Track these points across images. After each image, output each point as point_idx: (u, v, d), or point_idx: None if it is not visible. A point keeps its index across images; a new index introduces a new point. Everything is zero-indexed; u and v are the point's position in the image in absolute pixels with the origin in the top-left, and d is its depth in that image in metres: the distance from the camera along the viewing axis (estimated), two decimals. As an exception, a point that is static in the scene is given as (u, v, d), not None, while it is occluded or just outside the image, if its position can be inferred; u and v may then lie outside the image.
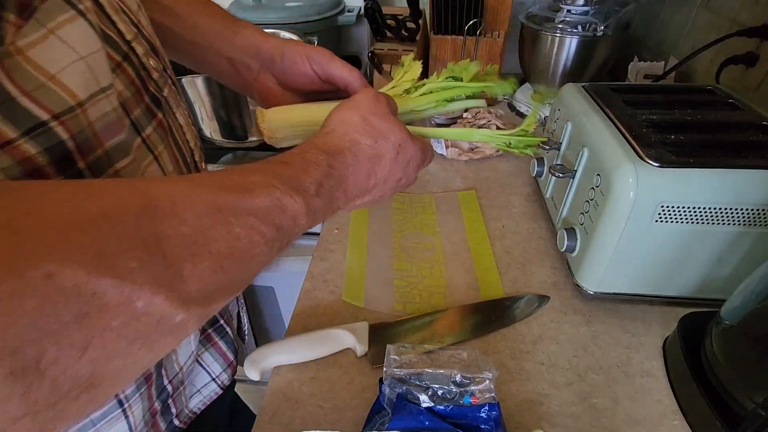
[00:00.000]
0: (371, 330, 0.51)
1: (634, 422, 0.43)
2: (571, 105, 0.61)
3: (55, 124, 0.23)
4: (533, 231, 0.67)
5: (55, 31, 0.23)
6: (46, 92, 0.23)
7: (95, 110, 0.26)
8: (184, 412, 0.47)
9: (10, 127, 0.21)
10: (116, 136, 0.28)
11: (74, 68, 0.24)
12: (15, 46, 0.21)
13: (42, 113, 0.23)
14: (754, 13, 0.69)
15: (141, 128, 0.31)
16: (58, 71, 0.23)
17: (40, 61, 0.23)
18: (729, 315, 0.41)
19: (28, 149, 0.22)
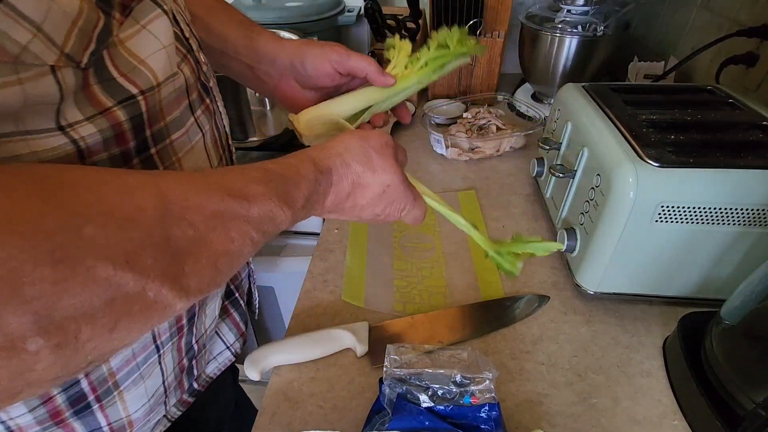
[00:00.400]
0: (371, 330, 0.51)
1: (634, 422, 0.43)
2: (571, 105, 0.61)
3: (141, 98, 0.30)
4: (533, 231, 0.67)
5: (147, 26, 0.30)
6: (138, 73, 0.29)
7: (165, 90, 0.32)
8: (202, 376, 0.50)
9: (108, 98, 0.28)
10: (174, 111, 0.34)
11: (158, 55, 0.31)
12: (117, 37, 0.28)
13: (133, 88, 0.29)
14: (754, 13, 0.69)
15: (194, 109, 0.37)
16: (147, 57, 0.30)
17: (135, 49, 0.29)
18: (729, 315, 0.41)
19: (119, 115, 0.29)
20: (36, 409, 0.33)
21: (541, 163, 0.70)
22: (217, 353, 0.53)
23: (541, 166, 0.70)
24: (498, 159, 0.84)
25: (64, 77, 0.25)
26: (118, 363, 0.36)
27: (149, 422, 0.43)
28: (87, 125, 0.27)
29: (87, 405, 0.35)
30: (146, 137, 0.32)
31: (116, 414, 0.38)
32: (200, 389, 0.50)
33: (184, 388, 0.47)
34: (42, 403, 0.33)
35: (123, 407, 0.38)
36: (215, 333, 0.52)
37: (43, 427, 0.34)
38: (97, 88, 0.27)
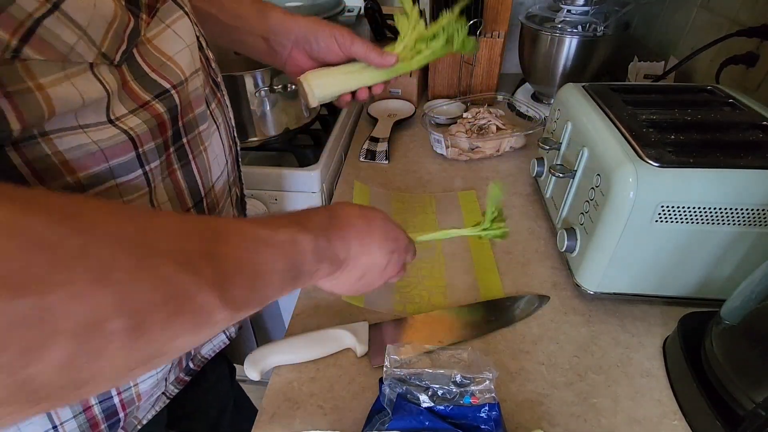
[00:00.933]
0: (371, 330, 0.51)
1: (634, 422, 0.43)
2: (571, 105, 0.61)
3: (173, 92, 0.33)
4: (533, 231, 0.67)
5: (171, 26, 0.33)
6: (167, 69, 0.33)
7: (191, 85, 0.36)
8: (197, 356, 0.53)
9: (146, 93, 0.31)
10: (200, 106, 0.38)
11: (183, 53, 0.34)
12: (145, 37, 0.31)
13: (165, 83, 0.33)
14: (754, 13, 0.69)
15: (209, 103, 0.40)
16: (174, 54, 0.33)
17: (162, 47, 0.32)
18: (729, 315, 0.41)
19: (158, 108, 0.32)
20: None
21: (541, 163, 0.70)
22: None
23: (541, 166, 0.70)
24: (498, 159, 0.84)
25: (102, 73, 0.28)
26: None
27: (152, 397, 0.45)
28: (132, 117, 0.31)
29: None
30: (179, 128, 0.35)
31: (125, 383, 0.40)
32: (195, 369, 0.52)
33: (182, 366, 0.49)
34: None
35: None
36: None
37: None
38: (135, 84, 0.31)
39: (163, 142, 0.34)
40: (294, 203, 0.81)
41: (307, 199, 0.80)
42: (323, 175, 0.79)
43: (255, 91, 0.79)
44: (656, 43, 0.99)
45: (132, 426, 0.44)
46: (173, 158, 0.36)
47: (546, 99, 1.00)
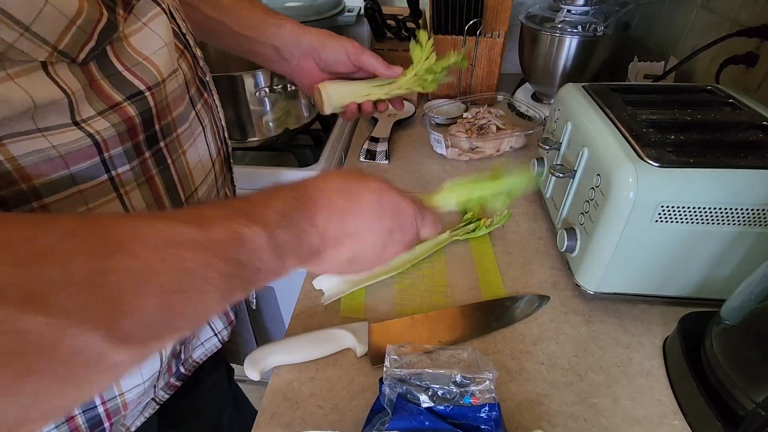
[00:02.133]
0: (371, 330, 0.51)
1: (634, 422, 0.43)
2: (571, 105, 0.61)
3: (148, 94, 0.31)
4: (533, 231, 0.67)
5: (148, 24, 0.31)
6: (143, 69, 0.31)
7: (170, 86, 0.34)
8: (189, 361, 0.51)
9: (117, 93, 0.29)
10: (180, 107, 0.36)
11: (161, 52, 0.32)
12: (123, 33, 0.29)
13: (140, 84, 0.31)
14: (754, 13, 0.69)
15: (194, 103, 0.39)
16: (151, 54, 0.31)
17: (138, 45, 0.30)
18: (729, 315, 0.41)
19: (129, 110, 0.30)
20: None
21: (541, 163, 0.70)
22: (204, 339, 0.53)
23: (541, 166, 0.70)
24: (498, 159, 0.84)
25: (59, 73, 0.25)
26: None
27: (140, 405, 0.44)
28: (100, 120, 0.29)
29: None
30: (156, 131, 0.33)
31: (110, 392, 0.39)
32: (187, 373, 0.52)
33: (171, 372, 0.48)
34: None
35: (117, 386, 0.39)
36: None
37: None
38: (104, 83, 0.29)
39: (133, 146, 0.31)
40: (294, 203, 0.81)
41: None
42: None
43: (255, 91, 0.79)
44: (656, 43, 0.99)
45: None
46: (150, 163, 0.34)
47: (546, 99, 1.00)
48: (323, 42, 0.55)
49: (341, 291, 0.56)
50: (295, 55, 0.56)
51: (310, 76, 0.57)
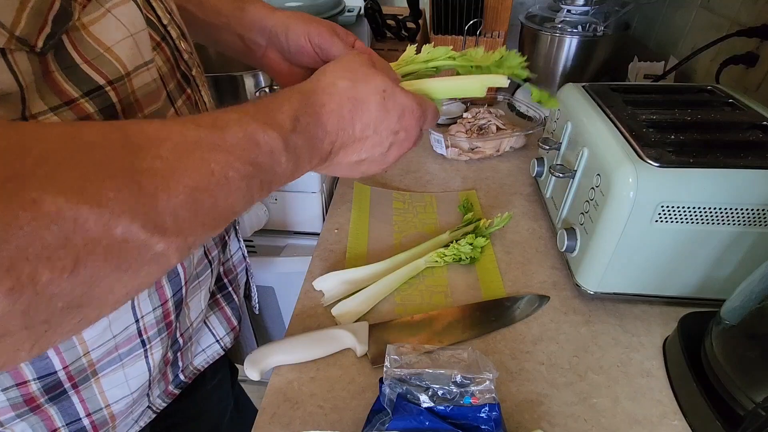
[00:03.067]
0: (371, 330, 0.51)
1: (634, 422, 0.43)
2: (571, 105, 0.61)
3: (109, 89, 0.28)
4: (533, 231, 0.67)
5: (112, 11, 0.28)
6: (103, 61, 0.28)
7: (138, 80, 0.31)
8: (189, 368, 0.50)
9: (74, 88, 0.26)
10: (154, 104, 0.32)
11: (125, 43, 0.29)
12: (80, 21, 0.26)
13: (99, 78, 0.28)
14: (754, 13, 0.69)
15: (174, 100, 0.36)
16: (113, 44, 0.28)
17: (99, 35, 0.27)
18: (729, 315, 0.41)
19: (87, 108, 0.27)
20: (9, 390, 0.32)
21: (541, 163, 0.70)
22: (206, 346, 0.53)
23: (541, 166, 0.70)
24: (498, 159, 0.84)
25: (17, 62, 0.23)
26: (99, 354, 0.35)
27: (132, 414, 0.43)
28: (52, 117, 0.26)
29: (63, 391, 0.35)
30: None
31: (95, 404, 0.38)
32: (187, 381, 0.50)
33: (168, 380, 0.47)
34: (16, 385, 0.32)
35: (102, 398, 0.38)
36: (204, 325, 0.52)
37: (17, 413, 0.33)
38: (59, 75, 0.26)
39: None
40: (294, 203, 0.81)
41: (307, 199, 0.80)
42: (323, 176, 0.79)
43: (255, 91, 0.79)
44: (656, 43, 0.99)
45: None
46: None
47: (546, 99, 1.00)
48: (287, 25, 0.45)
49: (342, 292, 0.56)
50: (260, 44, 0.48)
51: (277, 70, 0.49)
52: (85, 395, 0.36)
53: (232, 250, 0.54)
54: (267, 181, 0.27)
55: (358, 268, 0.58)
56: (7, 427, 0.33)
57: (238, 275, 0.56)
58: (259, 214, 0.80)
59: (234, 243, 0.55)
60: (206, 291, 0.47)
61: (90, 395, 0.37)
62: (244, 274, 0.58)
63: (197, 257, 0.43)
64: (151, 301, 0.38)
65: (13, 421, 0.33)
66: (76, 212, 0.18)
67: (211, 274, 0.47)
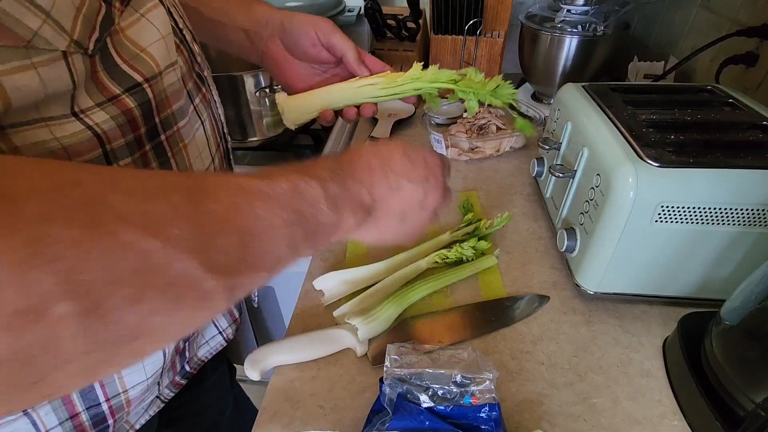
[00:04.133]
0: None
1: (634, 422, 0.43)
2: (571, 105, 0.61)
3: (146, 86, 0.32)
4: (533, 231, 0.67)
5: (145, 15, 0.31)
6: (140, 61, 0.31)
7: (167, 79, 0.34)
8: (194, 359, 0.52)
9: (116, 85, 0.30)
10: (179, 100, 0.36)
11: (158, 45, 0.32)
12: (119, 26, 0.29)
13: (138, 76, 0.31)
14: (754, 13, 0.69)
15: (192, 98, 0.39)
16: (148, 45, 0.31)
17: (135, 38, 0.30)
18: (729, 315, 0.42)
19: (128, 102, 0.30)
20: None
21: (541, 163, 0.70)
22: (209, 337, 0.54)
23: (541, 166, 0.70)
24: (498, 159, 0.84)
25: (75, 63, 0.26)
26: None
27: (144, 402, 0.44)
28: (99, 112, 0.29)
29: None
30: (156, 124, 0.34)
31: (114, 388, 0.39)
32: (192, 371, 0.52)
33: (176, 370, 0.49)
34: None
35: (120, 383, 0.39)
36: None
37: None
38: (104, 75, 0.29)
39: (135, 138, 0.32)
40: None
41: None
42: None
43: (255, 91, 0.79)
44: (656, 43, 0.99)
45: (124, 430, 0.44)
46: (150, 156, 0.34)
47: (546, 99, 1.00)
48: (291, 18, 0.50)
49: (342, 292, 0.56)
50: (263, 36, 0.51)
51: (278, 62, 0.52)
52: (106, 379, 0.38)
53: None
54: (311, 231, 0.29)
55: (358, 268, 0.58)
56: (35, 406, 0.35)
57: None
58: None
59: None
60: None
61: (110, 380, 0.38)
62: None
63: None
64: None
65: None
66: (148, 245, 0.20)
67: None
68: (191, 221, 0.22)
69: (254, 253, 0.25)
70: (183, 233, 0.21)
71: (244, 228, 0.25)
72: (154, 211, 0.21)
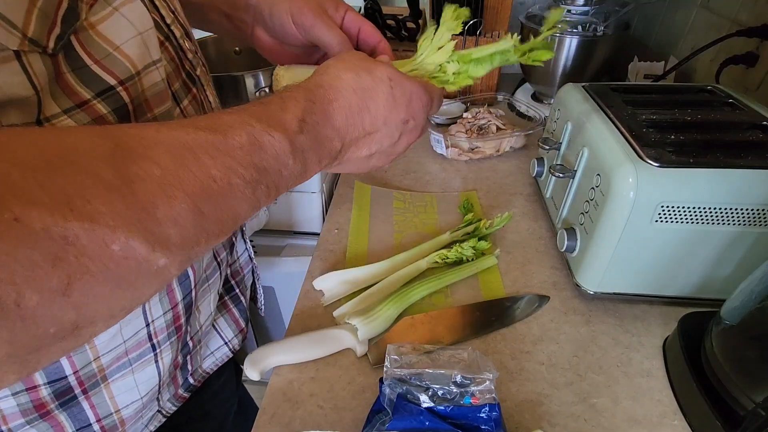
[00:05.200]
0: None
1: (634, 422, 0.43)
2: (571, 105, 0.61)
3: (121, 89, 0.28)
4: (533, 231, 0.67)
5: (119, 9, 0.27)
6: (113, 61, 0.27)
7: (147, 80, 0.30)
8: (198, 371, 0.50)
9: (85, 89, 0.26)
10: (163, 104, 0.32)
11: (133, 42, 0.28)
12: (88, 21, 0.25)
13: (110, 78, 0.27)
14: (754, 13, 0.69)
15: (179, 99, 0.35)
16: (122, 43, 0.27)
17: (107, 34, 0.27)
18: (729, 315, 0.41)
19: (100, 109, 0.27)
20: (19, 395, 0.31)
21: (541, 163, 0.70)
22: (214, 348, 0.53)
23: (541, 166, 0.70)
24: (498, 159, 0.84)
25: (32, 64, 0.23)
26: (109, 360, 0.35)
27: (142, 419, 0.43)
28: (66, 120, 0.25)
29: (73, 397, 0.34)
30: None
31: (105, 409, 0.37)
32: (196, 384, 0.50)
33: (178, 384, 0.47)
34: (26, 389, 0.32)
35: (112, 403, 0.37)
36: (213, 328, 0.52)
37: (27, 419, 0.33)
38: (71, 77, 0.25)
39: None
40: (294, 204, 0.81)
41: (307, 199, 0.80)
42: (323, 176, 0.79)
43: (255, 91, 0.79)
44: (656, 43, 0.99)
45: None
46: None
47: (546, 99, 1.00)
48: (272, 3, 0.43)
49: (342, 292, 0.56)
50: (247, 22, 0.46)
51: (269, 51, 0.47)
52: (96, 401, 0.36)
53: (238, 252, 0.54)
54: (274, 186, 0.26)
55: (358, 268, 0.58)
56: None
57: (244, 277, 0.56)
58: (258, 214, 0.80)
59: (240, 244, 0.55)
60: (215, 294, 0.47)
61: (100, 401, 0.36)
62: (251, 275, 0.58)
63: (206, 260, 0.43)
64: (161, 305, 0.37)
65: (22, 427, 0.33)
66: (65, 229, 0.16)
67: (219, 277, 0.47)
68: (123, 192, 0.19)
69: (209, 217, 0.22)
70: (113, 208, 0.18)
71: (195, 192, 0.21)
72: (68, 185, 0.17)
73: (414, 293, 0.54)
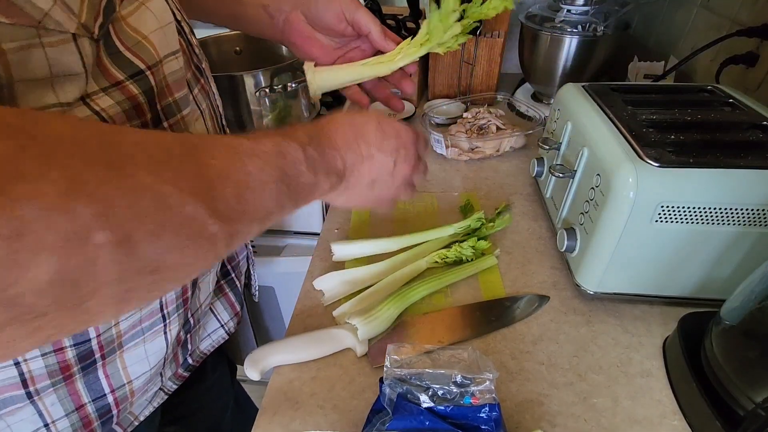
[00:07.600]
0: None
1: (634, 422, 0.43)
2: (571, 105, 0.61)
3: (148, 73, 0.33)
4: (533, 231, 0.67)
5: (145, 3, 0.32)
6: (141, 48, 0.32)
7: (168, 67, 0.35)
8: (196, 351, 0.53)
9: (119, 71, 0.31)
10: (181, 90, 0.37)
11: (157, 33, 0.33)
12: (120, 13, 0.30)
13: (140, 63, 0.32)
14: (754, 13, 0.69)
15: (191, 88, 0.40)
16: (149, 33, 0.32)
17: (136, 25, 0.31)
18: (729, 315, 0.42)
19: (132, 89, 0.32)
20: (48, 356, 0.34)
21: (541, 163, 0.70)
22: (211, 330, 0.55)
23: (541, 166, 0.70)
24: (498, 159, 0.84)
25: (83, 47, 0.27)
26: (126, 326, 0.38)
27: (147, 393, 0.45)
28: (104, 97, 0.30)
29: (93, 362, 0.37)
30: (158, 111, 0.35)
31: (119, 379, 0.40)
32: (195, 364, 0.52)
33: (179, 362, 0.49)
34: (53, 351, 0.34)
35: (125, 374, 0.40)
36: (210, 310, 0.54)
37: (53, 381, 0.35)
38: (108, 60, 0.30)
39: (141, 125, 0.33)
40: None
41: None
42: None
43: (255, 91, 0.79)
44: (656, 43, 0.99)
45: (128, 422, 0.45)
46: None
47: (546, 99, 1.00)
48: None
49: (342, 292, 0.56)
50: (283, 9, 0.51)
51: (299, 32, 0.52)
52: (110, 370, 0.39)
53: None
54: (294, 189, 0.31)
55: (358, 268, 0.58)
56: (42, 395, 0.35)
57: (240, 262, 0.58)
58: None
59: None
60: (214, 274, 0.50)
61: (114, 370, 0.39)
62: (245, 261, 0.60)
63: None
64: None
65: (47, 389, 0.35)
66: (161, 188, 0.22)
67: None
68: (194, 172, 0.25)
69: (248, 204, 0.28)
70: (189, 182, 0.24)
71: (239, 181, 0.27)
72: (162, 161, 0.23)
73: (414, 293, 0.54)
